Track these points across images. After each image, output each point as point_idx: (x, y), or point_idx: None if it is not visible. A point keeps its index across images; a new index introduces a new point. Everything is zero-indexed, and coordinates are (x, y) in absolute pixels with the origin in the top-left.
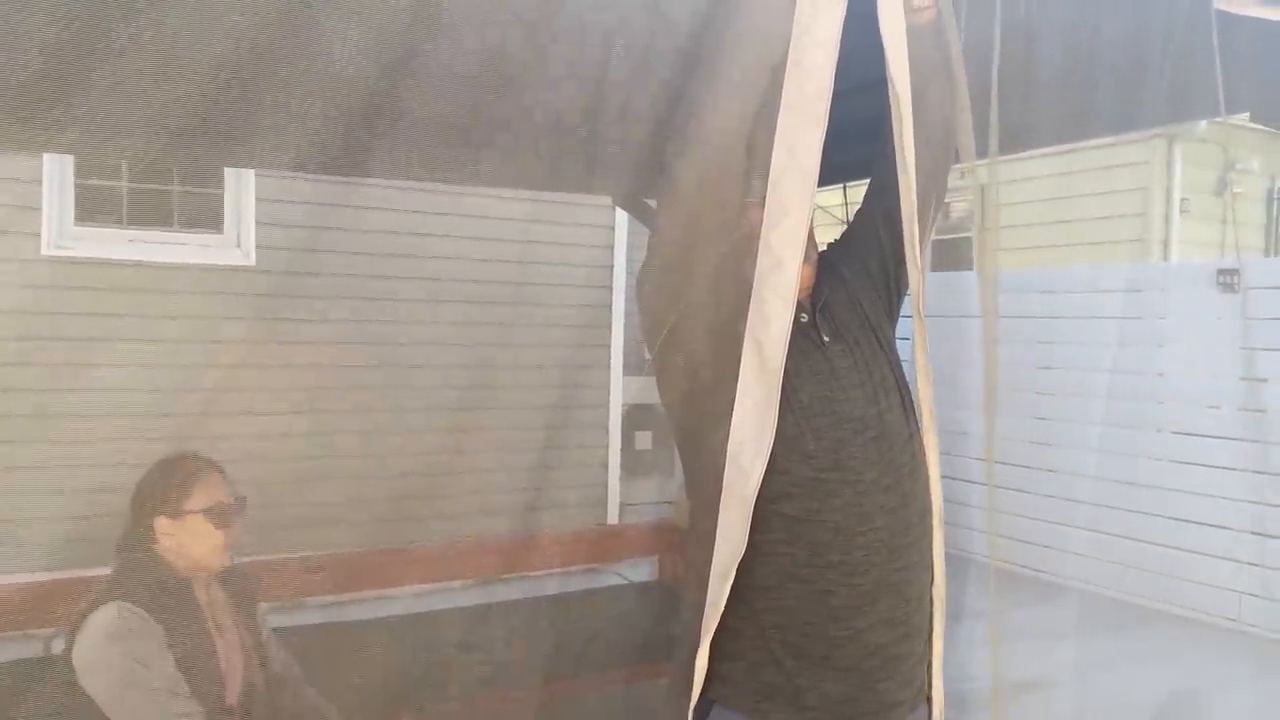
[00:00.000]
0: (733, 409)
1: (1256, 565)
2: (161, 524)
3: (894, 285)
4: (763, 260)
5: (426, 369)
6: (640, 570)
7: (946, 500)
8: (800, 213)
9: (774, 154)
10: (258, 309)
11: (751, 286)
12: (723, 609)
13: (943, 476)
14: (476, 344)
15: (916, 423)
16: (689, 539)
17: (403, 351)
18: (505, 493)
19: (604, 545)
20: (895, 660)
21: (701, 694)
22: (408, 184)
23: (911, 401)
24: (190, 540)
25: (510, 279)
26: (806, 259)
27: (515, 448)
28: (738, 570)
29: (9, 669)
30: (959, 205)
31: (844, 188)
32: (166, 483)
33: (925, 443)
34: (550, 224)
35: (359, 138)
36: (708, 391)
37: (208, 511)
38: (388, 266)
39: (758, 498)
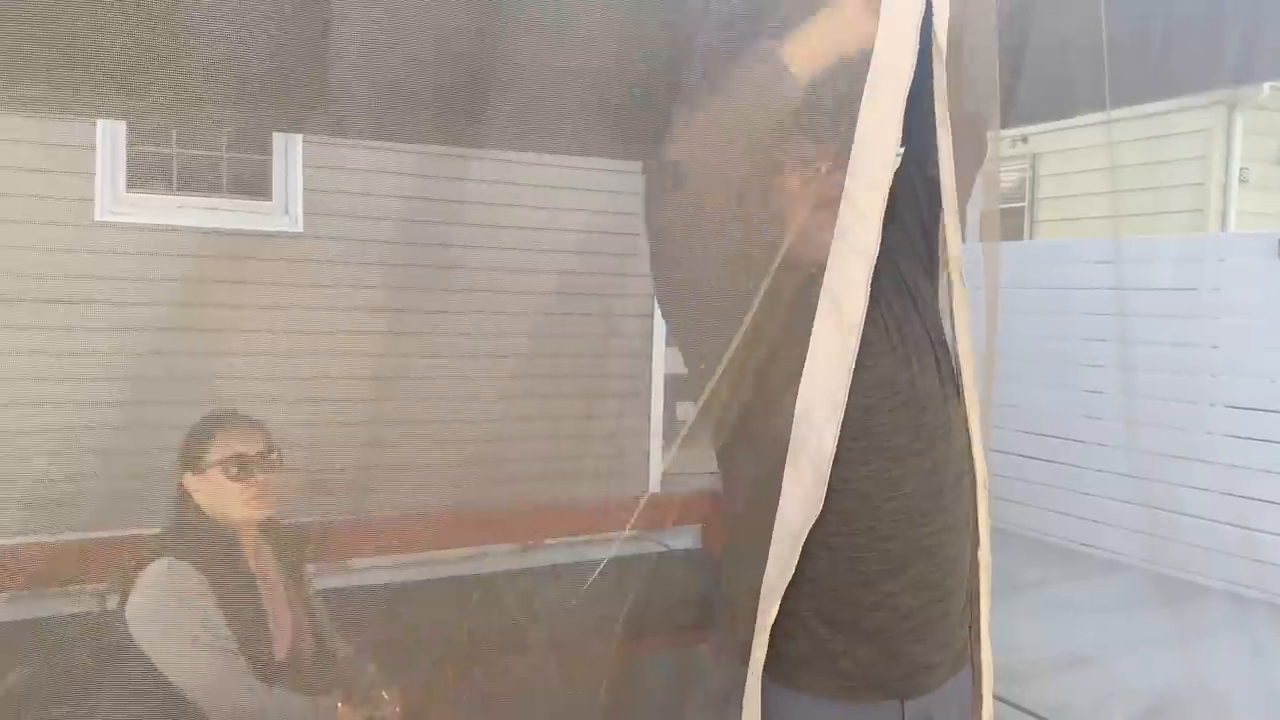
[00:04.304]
0: (780, 373)
1: None
2: (188, 480)
3: (934, 246)
4: (845, 217)
5: (471, 338)
6: (683, 538)
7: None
8: (884, 171)
9: (862, 114)
10: (306, 276)
11: (817, 244)
12: (791, 573)
13: (991, 451)
14: (519, 313)
15: (955, 385)
16: (746, 510)
17: (446, 320)
18: (546, 461)
19: (646, 513)
20: (928, 624)
21: (735, 663)
22: (448, 150)
23: (951, 364)
24: (214, 494)
25: (552, 247)
26: None
27: (557, 416)
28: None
29: (67, 623)
30: (1009, 175)
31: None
32: (191, 440)
33: (966, 404)
34: (592, 191)
35: (402, 104)
36: (772, 354)
37: (223, 464)
38: (430, 235)
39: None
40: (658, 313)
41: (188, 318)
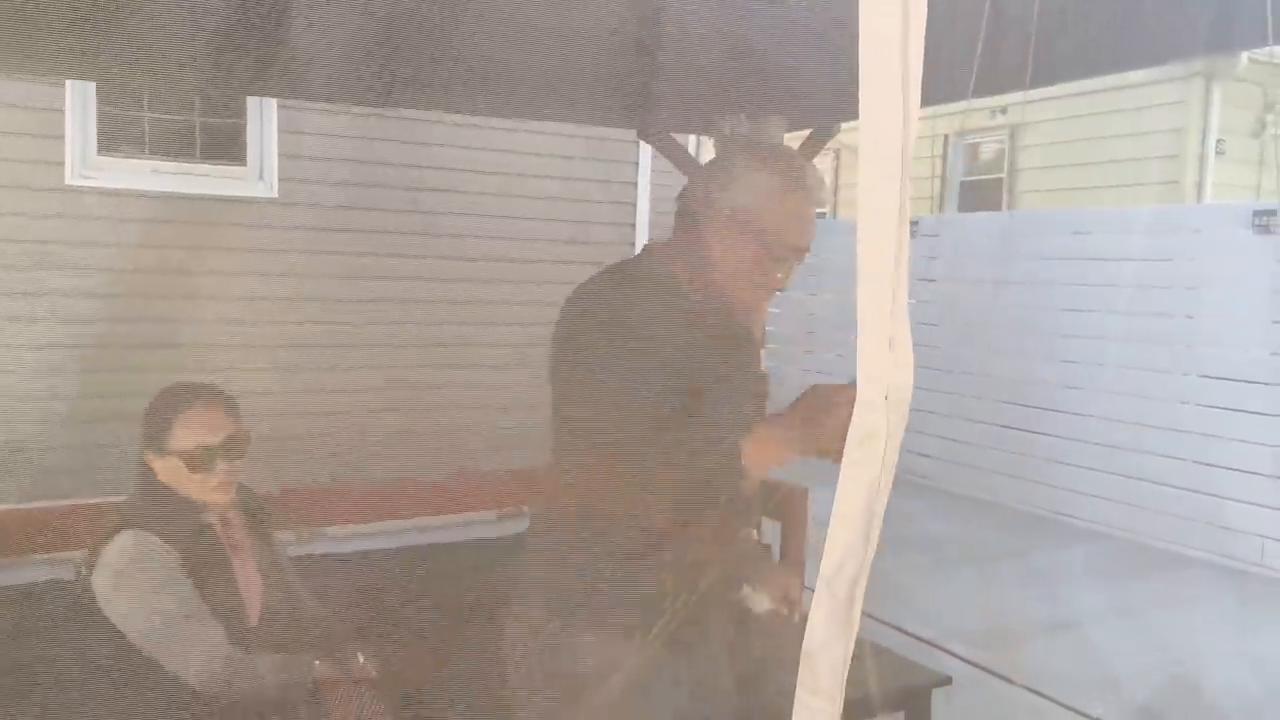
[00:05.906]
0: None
1: None
2: (151, 458)
3: None
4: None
5: (448, 304)
6: None
7: (963, 443)
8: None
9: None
10: (280, 241)
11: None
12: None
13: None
14: (492, 281)
15: None
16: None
17: (422, 286)
18: (518, 430)
19: None
20: None
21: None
22: (431, 116)
23: None
24: (177, 477)
25: (529, 215)
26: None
27: (525, 386)
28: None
29: (41, 590)
30: (987, 147)
31: None
32: (154, 416)
33: None
34: (573, 159)
35: (383, 68)
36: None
37: (185, 455)
38: (409, 200)
39: None
40: None
41: (159, 284)
